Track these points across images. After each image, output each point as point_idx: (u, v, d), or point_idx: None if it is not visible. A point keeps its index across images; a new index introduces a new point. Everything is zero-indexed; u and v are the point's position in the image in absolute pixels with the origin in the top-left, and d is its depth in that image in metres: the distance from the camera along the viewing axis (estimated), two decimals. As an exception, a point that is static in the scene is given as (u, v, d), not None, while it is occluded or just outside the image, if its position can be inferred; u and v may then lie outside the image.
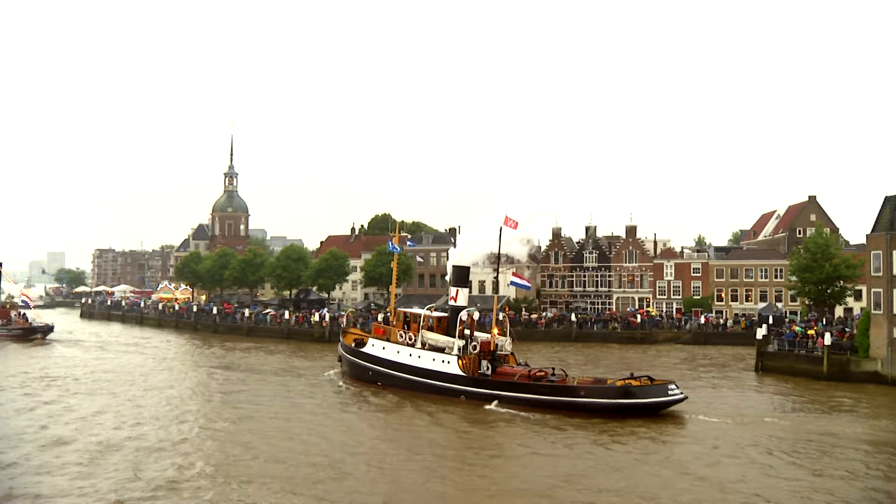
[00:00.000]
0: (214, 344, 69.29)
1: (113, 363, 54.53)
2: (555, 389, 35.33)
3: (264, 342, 70.77)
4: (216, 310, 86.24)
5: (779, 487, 23.24)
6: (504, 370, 39.01)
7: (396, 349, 42.24)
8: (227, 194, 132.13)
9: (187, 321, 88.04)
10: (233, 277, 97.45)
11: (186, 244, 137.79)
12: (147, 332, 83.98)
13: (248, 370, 50.67)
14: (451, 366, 38.97)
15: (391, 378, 41.88)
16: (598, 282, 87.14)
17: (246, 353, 61.76)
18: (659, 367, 52.80)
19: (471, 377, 38.24)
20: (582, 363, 54.20)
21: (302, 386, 43.44)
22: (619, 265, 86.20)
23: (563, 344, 68.76)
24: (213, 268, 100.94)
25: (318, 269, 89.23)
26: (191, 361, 56.10)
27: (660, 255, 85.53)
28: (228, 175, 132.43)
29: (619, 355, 60.25)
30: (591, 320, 74.61)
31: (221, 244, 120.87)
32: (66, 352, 62.57)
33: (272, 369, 50.97)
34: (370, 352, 43.96)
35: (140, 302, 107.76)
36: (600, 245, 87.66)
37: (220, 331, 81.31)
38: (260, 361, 55.65)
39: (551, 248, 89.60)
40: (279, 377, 47.07)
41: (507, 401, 35.95)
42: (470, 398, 37.46)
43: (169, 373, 49.41)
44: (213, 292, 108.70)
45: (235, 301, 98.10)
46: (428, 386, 39.51)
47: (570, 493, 22.80)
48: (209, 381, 45.81)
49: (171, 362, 55.47)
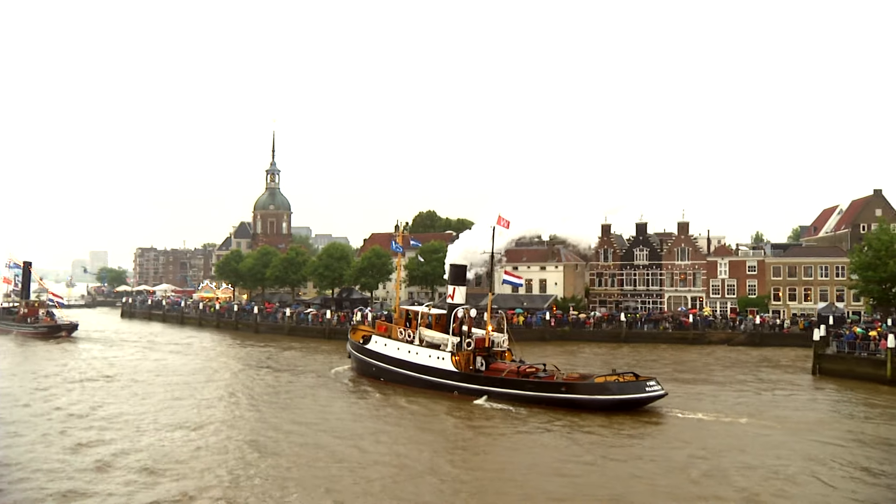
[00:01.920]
0: (253, 343, 71.19)
1: (131, 363, 56.23)
2: (539, 385, 37.72)
3: (305, 342, 72.33)
4: (257, 309, 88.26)
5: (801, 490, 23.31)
6: (497, 366, 41.35)
7: (397, 346, 45.33)
8: (269, 192, 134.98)
9: (228, 321, 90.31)
10: (274, 276, 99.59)
11: (228, 243, 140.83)
12: (186, 331, 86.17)
13: (279, 369, 52.55)
14: (446, 362, 41.79)
15: (392, 374, 45.05)
16: (649, 280, 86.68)
17: (280, 351, 63.75)
18: (710, 368, 52.81)
19: (463, 373, 40.94)
20: (632, 365, 54.16)
21: (302, 386, 45.24)
22: (671, 263, 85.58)
23: (613, 345, 68.74)
24: (254, 267, 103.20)
25: (361, 267, 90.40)
26: (220, 362, 57.43)
27: (714, 253, 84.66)
28: (270, 172, 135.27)
29: (671, 356, 60.09)
30: (641, 320, 74.40)
31: (263, 242, 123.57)
32: (89, 350, 65.14)
33: (303, 369, 52.90)
34: (373, 348, 47.15)
35: (181, 301, 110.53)
36: (651, 242, 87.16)
37: (261, 330, 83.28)
38: (294, 361, 57.37)
39: (600, 246, 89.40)
40: (294, 375, 49.45)
41: (496, 396, 38.61)
42: (462, 393, 40.12)
43: (193, 377, 48.97)
44: (255, 291, 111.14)
45: (277, 300, 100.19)
46: (424, 381, 42.54)
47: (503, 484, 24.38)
48: (233, 378, 47.53)
49: (201, 361, 57.12)
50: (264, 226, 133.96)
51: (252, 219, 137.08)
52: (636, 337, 71.56)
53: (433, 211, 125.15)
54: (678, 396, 39.48)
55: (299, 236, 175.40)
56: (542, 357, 49.37)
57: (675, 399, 38.42)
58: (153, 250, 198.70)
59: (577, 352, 63.59)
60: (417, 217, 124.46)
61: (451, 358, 41.63)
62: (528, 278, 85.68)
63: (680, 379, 46.78)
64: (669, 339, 70.24)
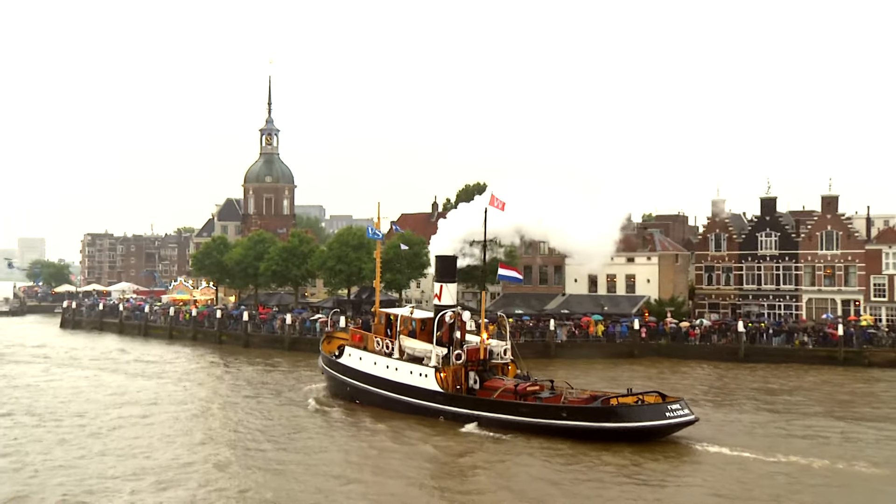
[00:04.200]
0: (241, 361, 72.84)
1: (58, 391, 56.79)
2: (535, 410, 39.78)
3: (310, 358, 72.91)
4: (248, 315, 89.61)
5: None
6: (493, 384, 43.44)
7: (374, 359, 47.96)
8: (265, 158, 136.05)
9: (209, 331, 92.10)
10: (271, 272, 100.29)
11: (210, 227, 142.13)
12: (151, 347, 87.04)
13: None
14: (429, 379, 43.96)
15: (368, 395, 47.75)
16: (780, 277, 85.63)
17: (267, 371, 65.72)
18: (874, 402, 52.36)
19: (449, 393, 43.29)
20: (749, 397, 53.76)
21: (261, 414, 47.07)
22: (812, 253, 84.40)
23: (726, 365, 68.22)
24: (244, 258, 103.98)
25: (386, 259, 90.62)
26: (188, 392, 57.47)
27: (876, 239, 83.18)
28: (266, 133, 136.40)
29: (815, 383, 59.74)
30: (767, 331, 73.66)
31: (258, 226, 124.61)
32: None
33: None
34: (347, 363, 50.07)
35: (144, 305, 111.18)
36: (783, 224, 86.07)
37: (254, 343, 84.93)
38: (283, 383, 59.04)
39: (710, 230, 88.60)
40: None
41: (487, 422, 40.77)
42: (449, 419, 42.59)
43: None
44: (245, 292, 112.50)
45: (275, 303, 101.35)
46: (405, 404, 44.93)
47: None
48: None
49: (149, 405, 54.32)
50: (258, 204, 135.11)
51: (242, 195, 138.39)
52: (760, 354, 70.78)
53: (484, 183, 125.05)
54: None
55: (307, 218, 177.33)
56: (614, 382, 50.51)
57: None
58: (108, 237, 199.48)
59: (669, 374, 63.75)
60: (463, 191, 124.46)
61: (434, 374, 43.71)
62: (609, 273, 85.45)
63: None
64: (808, 359, 69.23)
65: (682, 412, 38.06)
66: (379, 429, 42.51)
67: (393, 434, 41.27)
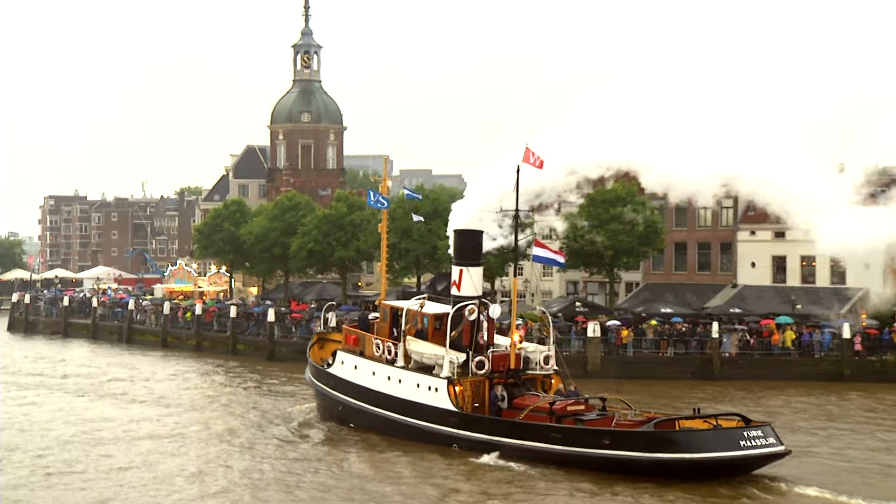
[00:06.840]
0: (261, 379, 73.07)
1: None
2: (569, 435, 40.46)
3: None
4: (274, 314, 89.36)
5: None
6: (523, 401, 44.05)
7: (372, 369, 49.40)
8: (301, 88, 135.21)
9: (219, 336, 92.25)
10: (308, 251, 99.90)
11: (223, 187, 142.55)
12: (136, 359, 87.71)
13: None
14: (440, 395, 44.82)
15: (365, 416, 49.43)
16: None
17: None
18: None
19: (466, 414, 44.29)
20: None
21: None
22: None
23: None
24: (270, 232, 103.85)
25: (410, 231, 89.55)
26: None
27: None
28: (302, 50, 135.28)
29: None
30: None
31: (290, 186, 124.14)
32: None
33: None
34: (338, 373, 52.09)
35: (129, 300, 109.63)
36: None
37: (280, 356, 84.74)
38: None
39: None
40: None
41: (511, 451, 41.69)
42: (465, 448, 43.43)
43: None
44: (272, 280, 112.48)
45: (313, 298, 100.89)
46: (409, 428, 46.23)
47: None
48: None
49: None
50: (291, 154, 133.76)
51: (269, 141, 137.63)
52: None
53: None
54: None
55: (362, 175, 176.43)
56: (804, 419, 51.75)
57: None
58: (79, 201, 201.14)
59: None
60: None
61: (447, 388, 44.29)
62: (804, 255, 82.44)
63: None
64: None
65: (766, 441, 37.98)
66: (370, 462, 43.27)
67: (388, 471, 41.73)
